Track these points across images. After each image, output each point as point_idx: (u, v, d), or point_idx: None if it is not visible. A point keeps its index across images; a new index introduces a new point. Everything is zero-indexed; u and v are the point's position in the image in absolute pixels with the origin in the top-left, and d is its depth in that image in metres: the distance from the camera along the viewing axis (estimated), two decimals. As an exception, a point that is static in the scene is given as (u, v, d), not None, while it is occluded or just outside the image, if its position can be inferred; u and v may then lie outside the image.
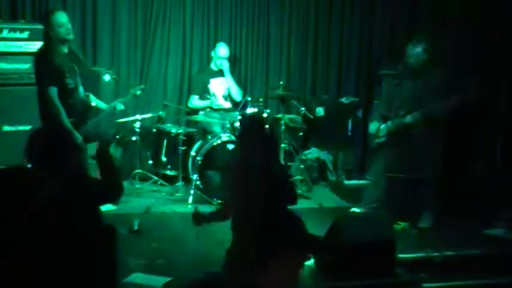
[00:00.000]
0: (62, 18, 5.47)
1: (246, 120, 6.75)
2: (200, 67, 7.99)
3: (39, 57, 5.58)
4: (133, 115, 7.00)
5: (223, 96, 7.65)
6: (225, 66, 7.57)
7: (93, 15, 7.54)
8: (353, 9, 8.51)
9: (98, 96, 6.08)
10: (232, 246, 4.19)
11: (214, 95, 7.59)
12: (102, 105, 5.89)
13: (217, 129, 7.27)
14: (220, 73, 7.65)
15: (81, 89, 5.66)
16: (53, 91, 5.36)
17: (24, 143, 3.99)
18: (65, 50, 5.52)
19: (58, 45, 5.46)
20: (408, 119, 6.11)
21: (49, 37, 5.46)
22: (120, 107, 5.94)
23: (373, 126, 6.46)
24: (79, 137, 5.33)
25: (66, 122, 5.36)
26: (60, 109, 5.36)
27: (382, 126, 6.31)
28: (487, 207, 6.61)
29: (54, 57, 5.42)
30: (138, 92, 6.05)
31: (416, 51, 6.10)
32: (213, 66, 7.68)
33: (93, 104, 5.80)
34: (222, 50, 7.60)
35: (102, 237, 3.68)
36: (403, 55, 6.25)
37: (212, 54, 7.68)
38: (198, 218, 4.31)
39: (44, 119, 5.50)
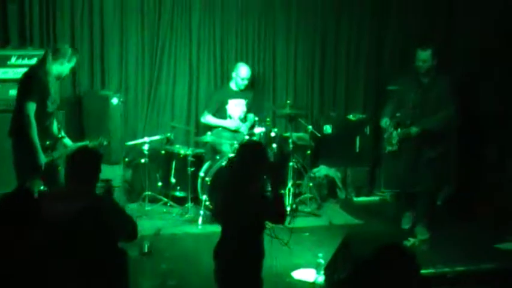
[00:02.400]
0: (76, 61, 5.74)
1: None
2: (218, 85, 8.02)
3: (31, 73, 5.62)
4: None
5: (240, 118, 7.64)
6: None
7: (101, 39, 7.62)
8: (360, 26, 8.53)
9: (106, 119, 6.13)
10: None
11: (230, 116, 7.59)
12: (69, 142, 5.84)
13: (226, 149, 7.29)
14: (239, 94, 7.63)
15: (55, 121, 5.76)
16: (32, 106, 5.39)
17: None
18: (57, 82, 5.67)
19: (51, 72, 5.55)
20: (414, 130, 6.20)
21: (51, 62, 5.55)
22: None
23: (384, 122, 6.55)
24: (43, 159, 5.41)
25: (36, 138, 5.38)
26: (33, 124, 5.37)
27: (394, 133, 6.39)
28: (497, 221, 6.61)
29: (44, 76, 5.50)
30: (105, 143, 6.10)
31: (424, 54, 6.23)
32: (232, 86, 7.65)
33: (63, 137, 5.81)
34: (243, 70, 7.55)
35: (114, 260, 3.75)
36: (411, 68, 6.36)
37: (233, 74, 7.63)
38: None
39: (13, 133, 5.55)
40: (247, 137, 7.20)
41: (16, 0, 7.18)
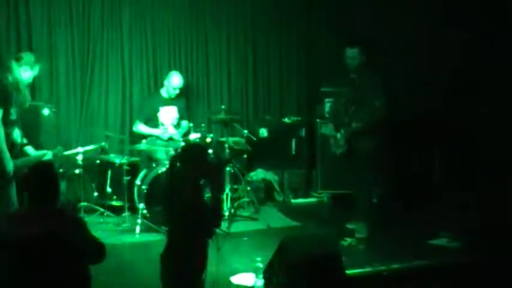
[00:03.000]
0: (37, 68, 5.76)
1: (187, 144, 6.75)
2: (148, 93, 7.98)
3: None
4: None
5: (172, 125, 7.60)
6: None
7: (29, 48, 7.46)
8: (290, 29, 8.64)
9: (39, 130, 6.02)
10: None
11: (162, 124, 7.55)
12: (30, 150, 5.84)
13: (161, 156, 7.26)
14: (170, 101, 7.61)
15: (17, 128, 5.65)
16: None
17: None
18: (24, 88, 5.61)
19: (13, 78, 5.52)
20: (354, 125, 6.32)
21: (12, 68, 5.55)
22: (48, 157, 5.90)
23: (326, 129, 6.67)
24: (11, 166, 5.35)
25: (3, 145, 5.33)
26: (2, 132, 5.32)
27: (338, 135, 6.50)
28: (430, 218, 6.79)
29: (11, 85, 5.45)
30: (62, 152, 6.03)
31: (352, 52, 6.38)
32: (164, 94, 7.62)
33: (25, 145, 5.78)
34: (175, 79, 7.54)
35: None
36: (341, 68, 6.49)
37: (165, 82, 7.61)
38: None
39: None
40: (182, 144, 7.17)
41: None
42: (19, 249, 3.52)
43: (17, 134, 5.66)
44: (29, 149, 5.84)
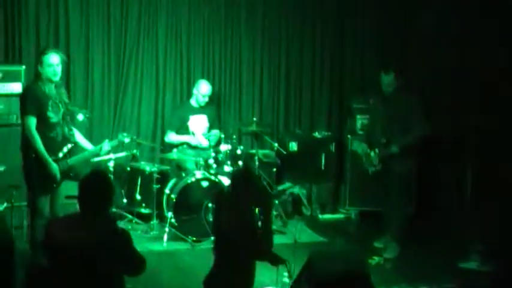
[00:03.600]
0: (52, 59, 5.65)
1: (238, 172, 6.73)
2: (180, 102, 8.03)
3: (24, 89, 5.86)
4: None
5: (203, 134, 7.64)
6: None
7: (67, 56, 7.54)
8: (324, 44, 8.63)
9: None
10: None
11: (193, 133, 7.58)
12: (86, 144, 6.01)
13: (191, 166, 7.29)
14: (200, 110, 7.65)
15: (65, 126, 5.77)
16: (30, 120, 5.51)
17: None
18: (52, 87, 5.66)
19: (44, 82, 5.62)
20: (394, 149, 6.28)
21: (38, 73, 5.65)
22: (107, 149, 6.08)
23: (357, 146, 6.63)
24: (56, 168, 5.55)
25: (43, 151, 5.50)
26: (36, 138, 5.49)
27: (372, 153, 6.48)
28: (460, 240, 6.71)
29: (37, 90, 5.58)
30: (126, 141, 6.12)
31: (388, 78, 6.35)
32: (193, 103, 7.67)
33: (78, 141, 5.93)
34: (204, 87, 7.60)
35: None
36: (374, 87, 6.46)
37: (194, 91, 7.67)
38: None
39: (21, 149, 5.66)
40: (213, 154, 7.21)
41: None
42: (66, 253, 3.58)
43: (66, 133, 5.77)
44: (85, 144, 6.00)
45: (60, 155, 5.68)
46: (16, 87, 6.70)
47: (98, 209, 3.74)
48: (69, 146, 5.78)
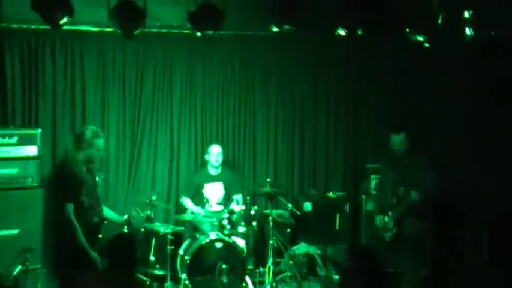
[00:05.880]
0: (101, 143, 5.59)
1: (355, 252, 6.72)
2: (195, 168, 8.11)
3: (61, 171, 5.61)
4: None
5: (218, 202, 7.69)
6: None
7: (82, 118, 7.72)
8: (338, 106, 8.72)
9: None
10: None
11: (208, 200, 7.65)
12: (114, 216, 5.87)
13: (206, 227, 7.29)
14: (216, 177, 7.75)
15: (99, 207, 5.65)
16: (70, 208, 5.32)
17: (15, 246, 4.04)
18: (84, 168, 5.55)
19: (81, 164, 5.51)
20: (414, 195, 6.23)
21: (75, 153, 5.52)
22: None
23: (378, 220, 6.62)
24: (95, 256, 5.26)
25: (82, 239, 5.29)
26: (76, 226, 5.28)
27: (386, 218, 6.46)
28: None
29: (75, 173, 5.44)
30: (154, 198, 6.09)
31: (398, 138, 6.39)
32: (209, 170, 7.78)
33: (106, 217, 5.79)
34: (214, 148, 7.75)
35: None
36: (386, 150, 6.49)
37: (206, 157, 7.79)
38: None
39: (59, 236, 5.51)
40: (226, 215, 7.23)
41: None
42: None
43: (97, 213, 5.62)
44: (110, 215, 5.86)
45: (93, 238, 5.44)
46: (32, 151, 6.81)
47: (125, 269, 3.79)
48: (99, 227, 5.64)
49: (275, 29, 6.48)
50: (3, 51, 7.43)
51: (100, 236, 5.58)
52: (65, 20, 5.84)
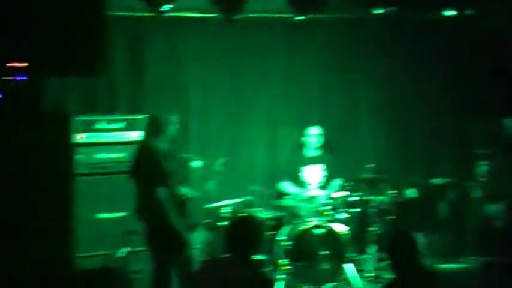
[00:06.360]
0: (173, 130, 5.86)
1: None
2: (292, 152, 8.04)
3: (149, 154, 5.78)
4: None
5: (318, 187, 7.57)
6: None
7: (185, 104, 7.82)
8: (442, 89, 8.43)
9: (187, 181, 6.24)
10: None
11: (307, 183, 7.56)
12: (189, 192, 6.11)
13: (305, 213, 7.22)
14: (314, 159, 7.63)
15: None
16: (163, 192, 5.55)
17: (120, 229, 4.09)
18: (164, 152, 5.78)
19: (160, 148, 5.75)
20: None
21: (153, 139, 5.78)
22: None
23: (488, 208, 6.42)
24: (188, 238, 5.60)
25: (177, 221, 5.55)
26: (169, 208, 5.53)
27: (498, 206, 6.25)
28: None
29: (156, 159, 5.66)
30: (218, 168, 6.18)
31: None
32: (308, 152, 7.68)
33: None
34: (313, 130, 7.61)
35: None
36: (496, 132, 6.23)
37: (303, 139, 7.69)
38: None
39: (149, 218, 5.73)
40: (327, 201, 7.14)
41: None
42: None
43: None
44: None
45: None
46: (138, 136, 6.97)
47: (245, 254, 3.85)
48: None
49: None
50: (110, 38, 7.62)
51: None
52: (168, 6, 5.95)
